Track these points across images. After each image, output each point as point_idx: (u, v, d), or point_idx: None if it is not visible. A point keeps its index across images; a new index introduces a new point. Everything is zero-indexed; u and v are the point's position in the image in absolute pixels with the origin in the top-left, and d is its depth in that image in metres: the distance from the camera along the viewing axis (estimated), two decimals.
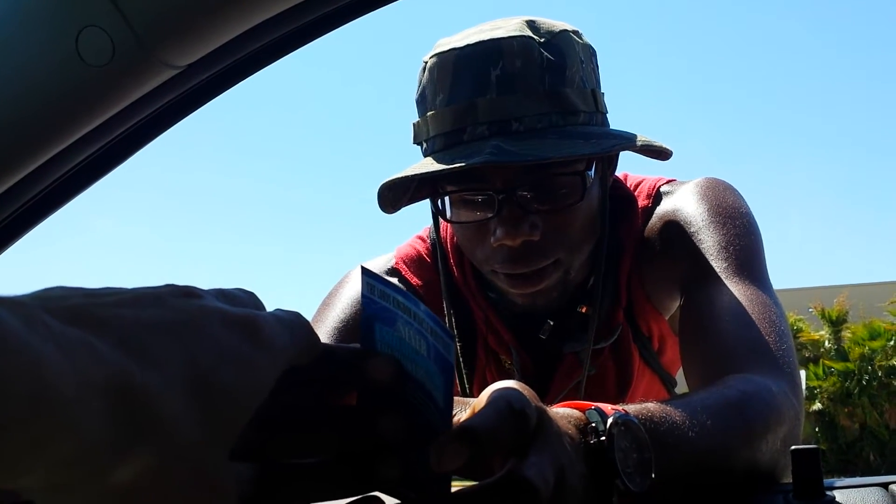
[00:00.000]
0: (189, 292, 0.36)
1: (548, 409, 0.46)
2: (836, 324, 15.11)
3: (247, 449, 0.37)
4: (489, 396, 0.42)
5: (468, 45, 0.84)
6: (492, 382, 1.10)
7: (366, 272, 0.43)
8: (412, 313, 0.39)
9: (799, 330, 14.86)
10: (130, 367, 0.29)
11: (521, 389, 0.43)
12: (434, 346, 0.38)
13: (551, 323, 0.97)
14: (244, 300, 0.39)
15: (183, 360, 0.31)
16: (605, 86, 0.93)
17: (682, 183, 1.00)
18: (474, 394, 1.06)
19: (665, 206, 0.97)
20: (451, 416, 0.39)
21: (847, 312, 15.22)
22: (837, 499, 0.55)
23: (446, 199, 0.90)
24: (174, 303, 0.34)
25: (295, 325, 0.38)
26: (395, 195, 0.91)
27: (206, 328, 0.33)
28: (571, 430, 0.48)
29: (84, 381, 0.27)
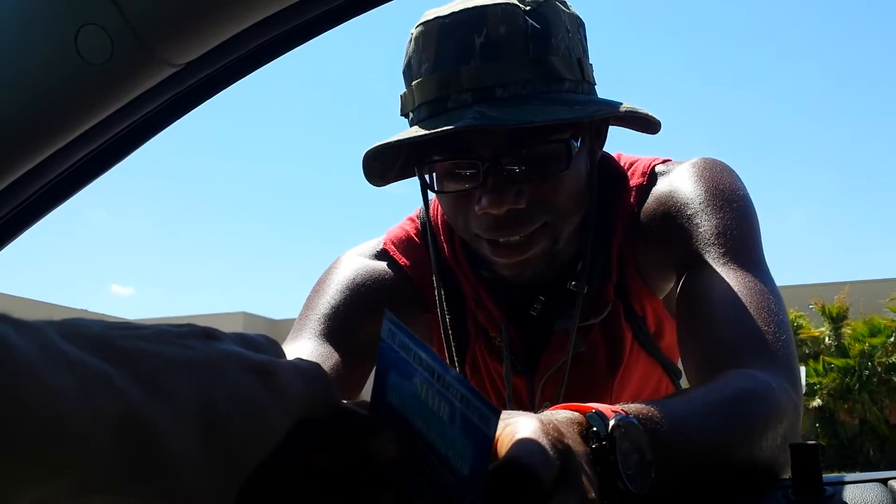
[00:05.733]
0: (210, 334, 0.36)
1: (571, 442, 0.45)
2: (837, 320, 15.08)
3: (250, 493, 0.37)
4: (507, 454, 0.41)
5: (452, 13, 0.84)
6: (481, 361, 1.09)
7: (389, 317, 0.41)
8: (437, 375, 0.37)
9: (799, 326, 14.83)
10: (143, 401, 0.29)
11: (543, 443, 0.42)
12: (462, 414, 0.36)
13: (542, 299, 0.97)
14: (265, 346, 0.39)
15: (197, 400, 0.31)
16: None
17: (678, 163, 0.99)
18: (465, 373, 1.06)
19: (661, 187, 0.96)
20: (482, 487, 0.37)
21: (847, 309, 15.19)
22: (837, 495, 0.55)
23: (433, 170, 0.90)
24: (194, 343, 0.34)
25: (312, 376, 0.38)
26: (381, 166, 0.91)
27: (223, 371, 0.33)
28: (577, 441, 0.47)
29: (97, 415, 0.27)
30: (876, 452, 14.12)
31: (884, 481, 0.58)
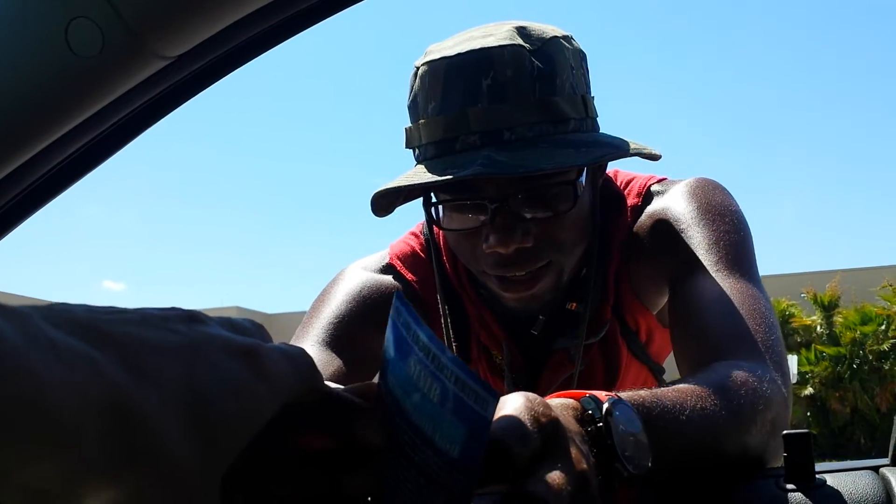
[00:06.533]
0: (194, 317, 0.36)
1: (560, 417, 0.45)
2: (828, 309, 15.17)
3: (235, 476, 0.38)
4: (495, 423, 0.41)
5: (459, 54, 0.84)
6: (483, 378, 1.09)
7: (399, 297, 0.41)
8: (432, 356, 0.38)
9: (791, 315, 14.91)
10: (129, 386, 0.29)
11: (523, 418, 0.42)
12: (455, 396, 0.37)
13: (542, 319, 0.99)
14: (250, 331, 0.39)
15: (182, 384, 0.31)
16: (599, 77, 0.93)
17: (673, 182, 1.01)
18: None
19: (655, 206, 0.98)
20: (476, 468, 0.38)
21: (839, 297, 15.27)
22: (828, 482, 0.56)
23: (439, 205, 0.91)
24: (178, 327, 0.34)
25: (299, 360, 0.38)
26: (388, 201, 0.92)
27: (208, 354, 0.33)
28: (573, 423, 0.48)
29: (83, 401, 0.27)
30: (867, 440, 14.23)
31: (875, 469, 0.58)
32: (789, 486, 0.56)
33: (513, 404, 0.43)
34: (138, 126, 0.89)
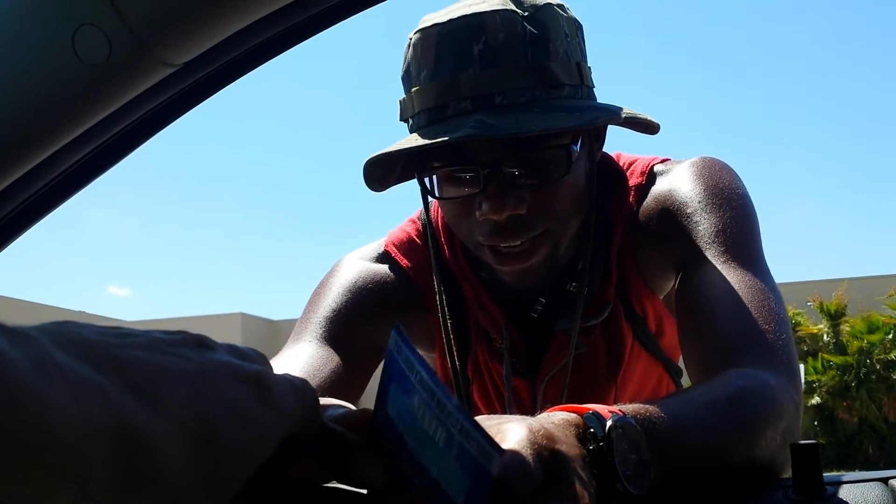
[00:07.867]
0: (202, 342, 0.36)
1: (563, 444, 0.45)
2: (835, 317, 15.08)
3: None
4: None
5: (451, 20, 0.84)
6: (483, 363, 1.09)
7: (398, 330, 0.40)
8: (437, 399, 0.37)
9: (797, 324, 14.82)
10: (137, 412, 0.28)
11: (525, 453, 0.41)
12: (459, 445, 0.36)
13: (543, 301, 0.98)
14: (254, 358, 0.39)
15: (190, 410, 0.31)
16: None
17: (677, 162, 0.99)
18: (468, 375, 1.06)
19: (660, 186, 0.97)
20: None
21: (845, 306, 15.18)
22: (838, 494, 0.55)
23: (433, 175, 0.90)
24: (187, 352, 0.34)
25: (304, 391, 0.38)
26: (382, 172, 0.91)
27: (218, 381, 0.33)
28: (573, 444, 0.47)
29: (92, 428, 0.26)
30: (875, 451, 14.13)
31: (884, 480, 0.57)
32: (798, 498, 0.55)
33: (515, 436, 0.43)
34: (144, 132, 0.89)
